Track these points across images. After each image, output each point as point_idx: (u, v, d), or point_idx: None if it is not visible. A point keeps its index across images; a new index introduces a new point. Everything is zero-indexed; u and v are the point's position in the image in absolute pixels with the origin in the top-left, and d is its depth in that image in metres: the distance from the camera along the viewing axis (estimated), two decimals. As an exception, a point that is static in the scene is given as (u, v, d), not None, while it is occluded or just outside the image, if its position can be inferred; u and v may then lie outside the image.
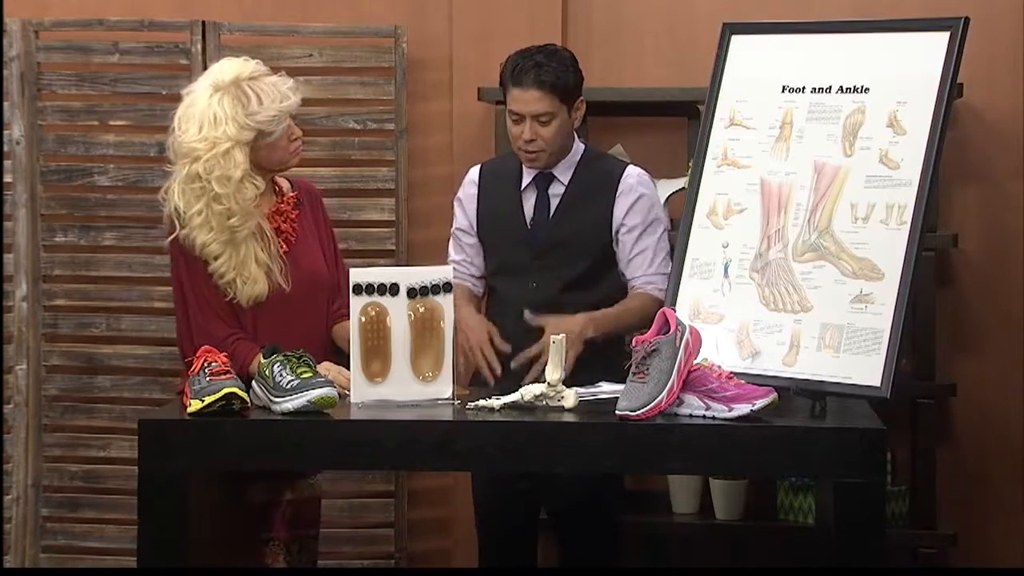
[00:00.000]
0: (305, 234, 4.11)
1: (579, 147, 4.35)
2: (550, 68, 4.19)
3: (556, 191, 4.32)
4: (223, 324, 3.98)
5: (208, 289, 3.99)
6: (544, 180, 4.32)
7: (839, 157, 3.82)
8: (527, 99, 4.20)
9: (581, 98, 4.29)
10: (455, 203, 4.45)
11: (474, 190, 4.41)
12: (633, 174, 4.33)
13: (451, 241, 4.46)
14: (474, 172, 4.44)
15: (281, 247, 4.03)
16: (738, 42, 4.05)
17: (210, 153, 3.93)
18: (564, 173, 4.31)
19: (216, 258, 3.96)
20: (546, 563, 4.79)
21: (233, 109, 3.94)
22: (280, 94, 3.99)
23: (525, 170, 4.33)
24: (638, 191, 4.30)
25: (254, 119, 3.95)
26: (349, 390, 3.76)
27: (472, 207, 4.40)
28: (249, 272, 3.96)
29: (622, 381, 3.69)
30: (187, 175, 3.95)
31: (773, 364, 3.77)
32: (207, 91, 3.97)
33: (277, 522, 4.05)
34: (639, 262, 4.28)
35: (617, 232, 4.29)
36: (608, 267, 4.31)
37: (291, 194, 4.12)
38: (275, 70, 4.07)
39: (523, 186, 4.33)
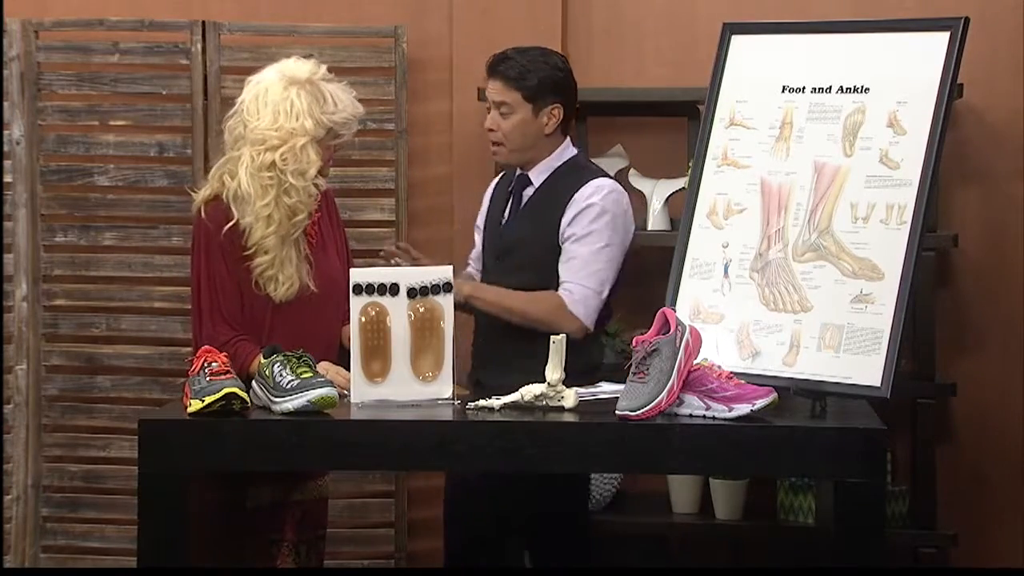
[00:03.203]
0: (323, 237, 4.11)
1: (566, 154, 4.30)
2: (517, 63, 4.22)
3: (528, 194, 4.32)
4: (228, 327, 3.98)
5: (223, 289, 3.98)
6: (521, 183, 4.33)
7: (839, 157, 3.82)
8: (491, 88, 4.26)
9: (556, 104, 4.24)
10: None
11: (490, 190, 4.48)
12: (591, 186, 4.21)
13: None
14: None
15: (304, 249, 4.04)
16: (738, 42, 4.05)
17: (286, 145, 3.92)
18: (538, 177, 4.30)
19: (266, 252, 3.95)
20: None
21: (310, 105, 3.94)
22: (351, 101, 4.02)
23: (516, 173, 4.33)
24: (588, 202, 4.19)
25: (330, 118, 3.96)
26: (348, 390, 3.76)
27: (487, 203, 4.45)
28: (288, 271, 3.97)
29: (622, 381, 3.69)
30: (260, 164, 3.93)
31: (773, 364, 3.77)
32: (280, 83, 3.96)
33: (287, 524, 4.05)
34: (567, 268, 4.18)
35: (562, 242, 4.22)
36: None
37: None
38: None
39: (509, 187, 4.34)
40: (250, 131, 3.95)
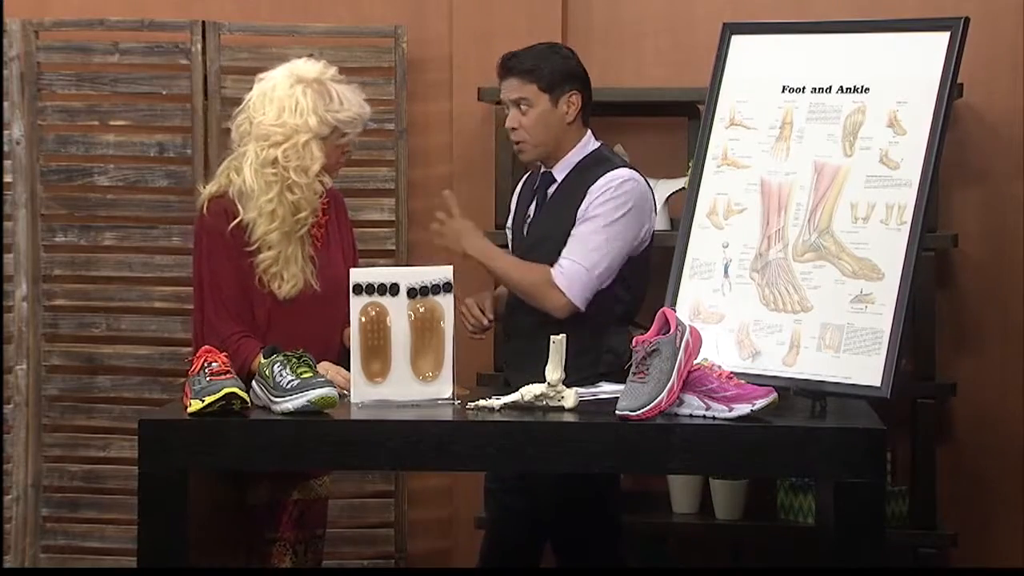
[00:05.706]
0: (329, 240, 4.11)
1: (588, 147, 4.27)
2: (526, 57, 4.23)
3: (551, 191, 4.31)
4: (233, 322, 3.97)
5: (227, 284, 3.97)
6: (545, 181, 4.32)
7: (839, 157, 3.82)
8: (506, 87, 4.25)
9: (573, 92, 4.22)
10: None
11: (518, 190, 4.46)
12: (608, 176, 4.17)
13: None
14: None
15: (310, 249, 4.04)
16: (738, 42, 4.05)
17: (289, 142, 3.94)
18: (561, 173, 4.28)
19: (270, 248, 3.95)
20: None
21: (315, 103, 3.96)
22: (359, 101, 4.03)
23: (542, 171, 4.32)
24: (603, 188, 4.15)
25: (335, 116, 3.97)
26: (348, 390, 3.76)
27: (514, 204, 4.44)
28: (292, 269, 3.97)
29: (622, 381, 3.69)
30: (263, 159, 3.95)
31: (773, 364, 3.77)
32: (287, 80, 3.99)
33: (284, 522, 4.05)
34: (566, 248, 4.13)
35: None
36: None
37: (322, 200, 4.12)
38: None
39: (535, 186, 4.33)
40: (255, 127, 3.97)
